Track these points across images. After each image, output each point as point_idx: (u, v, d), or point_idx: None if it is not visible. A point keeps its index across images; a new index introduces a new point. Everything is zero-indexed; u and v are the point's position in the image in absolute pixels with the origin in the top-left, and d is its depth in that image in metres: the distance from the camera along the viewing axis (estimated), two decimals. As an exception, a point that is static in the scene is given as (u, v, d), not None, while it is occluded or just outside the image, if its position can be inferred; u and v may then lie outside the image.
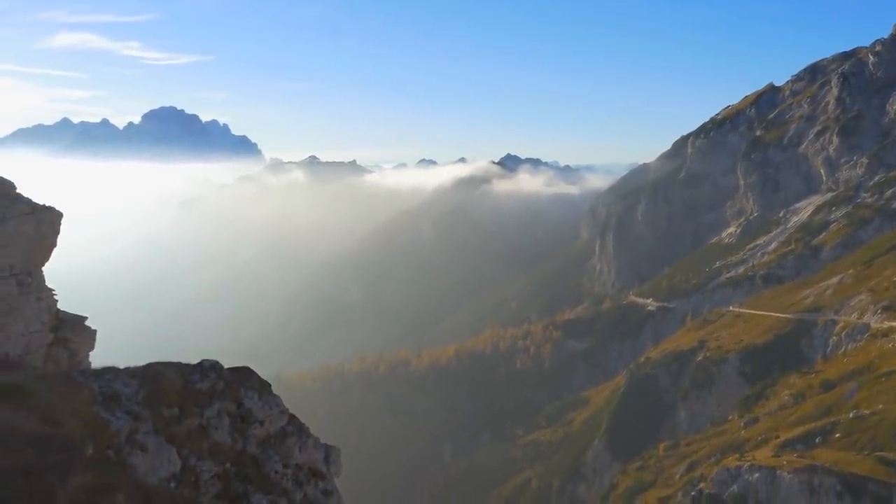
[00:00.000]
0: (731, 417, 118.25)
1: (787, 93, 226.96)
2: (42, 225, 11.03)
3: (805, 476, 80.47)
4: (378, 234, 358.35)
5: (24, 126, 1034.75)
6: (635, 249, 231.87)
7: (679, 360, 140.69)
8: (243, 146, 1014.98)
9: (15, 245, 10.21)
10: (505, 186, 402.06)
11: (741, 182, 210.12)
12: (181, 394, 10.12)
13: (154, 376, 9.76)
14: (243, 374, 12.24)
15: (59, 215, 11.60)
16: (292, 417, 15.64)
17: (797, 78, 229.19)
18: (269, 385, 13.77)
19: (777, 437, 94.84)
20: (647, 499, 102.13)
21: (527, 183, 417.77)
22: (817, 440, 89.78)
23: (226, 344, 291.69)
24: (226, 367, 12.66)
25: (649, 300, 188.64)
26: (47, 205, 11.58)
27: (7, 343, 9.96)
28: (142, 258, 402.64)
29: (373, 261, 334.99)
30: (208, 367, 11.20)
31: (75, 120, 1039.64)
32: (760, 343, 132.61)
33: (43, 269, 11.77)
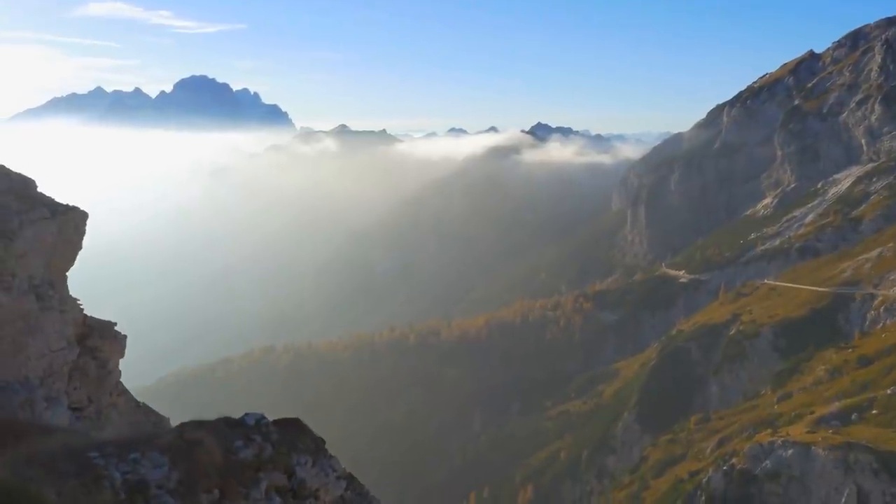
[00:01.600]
0: (763, 392, 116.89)
1: (828, 60, 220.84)
2: (65, 228, 10.16)
3: (840, 453, 79.27)
4: (408, 204, 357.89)
5: (59, 95, 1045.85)
6: (668, 221, 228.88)
7: (711, 334, 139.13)
8: (274, 115, 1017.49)
9: (34, 254, 9.36)
10: (535, 156, 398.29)
11: (778, 152, 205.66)
12: (221, 470, 8.19)
13: (189, 450, 7.85)
14: (293, 433, 10.24)
15: (84, 216, 10.71)
16: (352, 479, 13.41)
17: (838, 45, 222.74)
18: (323, 441, 12.02)
19: (812, 412, 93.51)
20: (678, 472, 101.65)
21: (557, 152, 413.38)
22: (853, 417, 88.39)
23: (258, 312, 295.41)
24: (272, 421, 10.36)
25: (682, 272, 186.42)
26: (70, 205, 10.64)
27: (27, 366, 9.11)
28: (173, 227, 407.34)
29: (403, 230, 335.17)
30: (252, 427, 9.16)
31: (108, 89, 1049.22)
32: (796, 317, 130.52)
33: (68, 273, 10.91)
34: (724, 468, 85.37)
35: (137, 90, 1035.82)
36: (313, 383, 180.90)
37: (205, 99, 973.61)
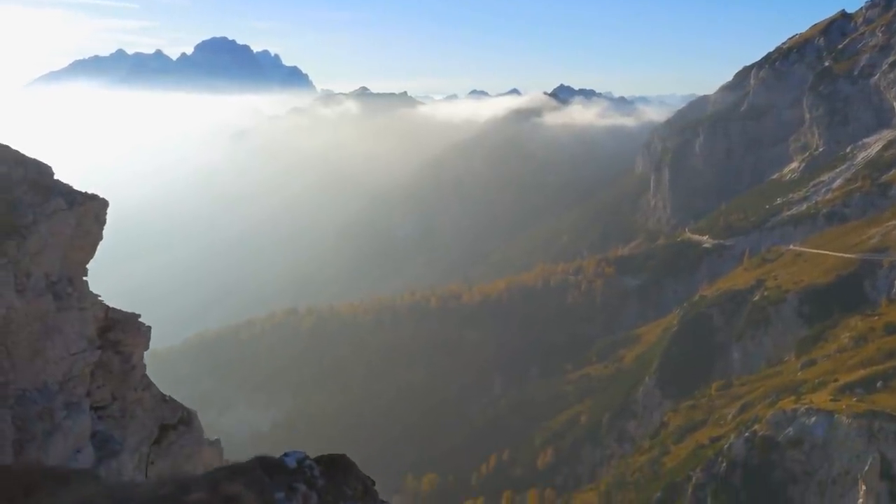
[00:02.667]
0: (787, 359, 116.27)
1: (860, 21, 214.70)
2: (84, 219, 9.46)
3: (864, 421, 78.81)
4: (429, 167, 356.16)
5: (81, 58, 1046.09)
6: (692, 185, 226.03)
7: (735, 300, 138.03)
8: (294, 77, 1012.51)
9: (50, 249, 8.71)
10: (557, 118, 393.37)
11: (807, 115, 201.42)
12: None
13: (225, 506, 7.08)
14: (339, 476, 9.10)
15: (104, 205, 9.98)
16: None
17: (871, 4, 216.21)
18: (373, 482, 10.57)
19: (836, 380, 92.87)
20: (698, 438, 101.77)
21: (580, 115, 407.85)
22: (878, 384, 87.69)
23: (278, 275, 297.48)
24: (314, 460, 9.02)
25: (705, 237, 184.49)
26: (90, 193, 9.94)
27: (44, 370, 8.54)
28: (194, 190, 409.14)
29: (424, 193, 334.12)
30: (294, 471, 7.84)
31: (130, 51, 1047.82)
32: (821, 283, 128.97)
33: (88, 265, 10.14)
34: (746, 435, 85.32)
35: (158, 52, 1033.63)
36: (335, 346, 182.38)
37: (225, 61, 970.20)
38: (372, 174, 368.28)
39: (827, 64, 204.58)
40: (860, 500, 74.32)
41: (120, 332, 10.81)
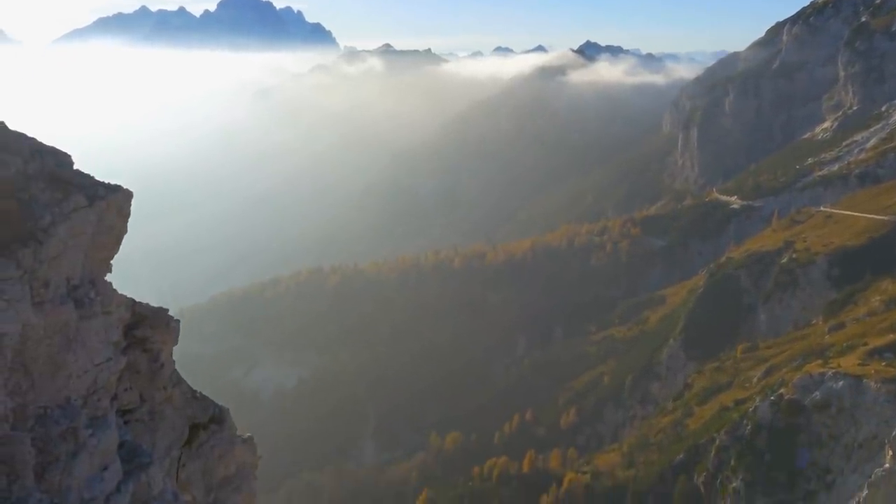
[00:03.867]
0: (815, 322, 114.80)
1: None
2: (106, 215, 8.70)
3: (893, 386, 77.79)
4: (453, 125, 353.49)
5: (105, 15, 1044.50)
6: (721, 144, 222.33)
7: (762, 262, 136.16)
8: (318, 34, 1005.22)
9: (70, 252, 7.99)
10: (584, 76, 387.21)
11: (841, 73, 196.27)
12: None
13: None
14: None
15: (128, 196, 9.18)
16: None
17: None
18: None
19: (865, 344, 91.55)
20: (723, 400, 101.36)
21: (607, 72, 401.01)
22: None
23: (302, 234, 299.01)
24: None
25: (733, 198, 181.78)
26: (111, 184, 9.19)
27: (67, 385, 7.88)
28: (218, 149, 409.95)
29: (448, 152, 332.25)
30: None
31: (153, 8, 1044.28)
32: (852, 246, 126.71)
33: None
34: (772, 398, 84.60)
35: (182, 9, 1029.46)
36: (359, 304, 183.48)
37: (248, 18, 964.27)
38: (396, 132, 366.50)
39: (864, 19, 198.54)
40: (886, 465, 73.76)
41: (147, 329, 10.24)
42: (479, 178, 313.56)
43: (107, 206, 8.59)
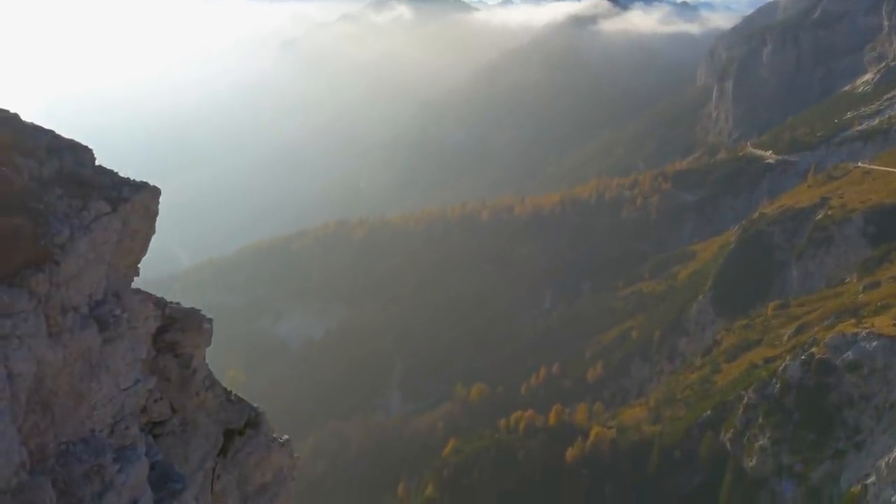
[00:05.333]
0: (848, 280, 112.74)
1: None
2: (131, 217, 7.76)
3: (929, 347, 76.54)
4: (482, 75, 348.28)
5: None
6: (757, 96, 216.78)
7: (796, 218, 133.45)
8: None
9: (91, 267, 7.06)
10: (616, 25, 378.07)
11: (885, 22, 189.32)
12: None
13: None
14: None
15: (156, 194, 8.18)
16: None
17: None
18: None
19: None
20: (752, 358, 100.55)
21: (640, 20, 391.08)
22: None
23: (329, 186, 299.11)
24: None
25: (768, 152, 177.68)
26: (136, 181, 8.21)
27: (91, 417, 7.01)
28: (242, 100, 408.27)
29: (477, 102, 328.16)
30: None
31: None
32: (890, 203, 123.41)
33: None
34: (803, 357, 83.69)
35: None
36: (386, 257, 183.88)
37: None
38: (423, 82, 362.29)
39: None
40: (918, 426, 73.04)
41: (178, 333, 9.44)
42: (507, 130, 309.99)
43: (132, 208, 7.72)
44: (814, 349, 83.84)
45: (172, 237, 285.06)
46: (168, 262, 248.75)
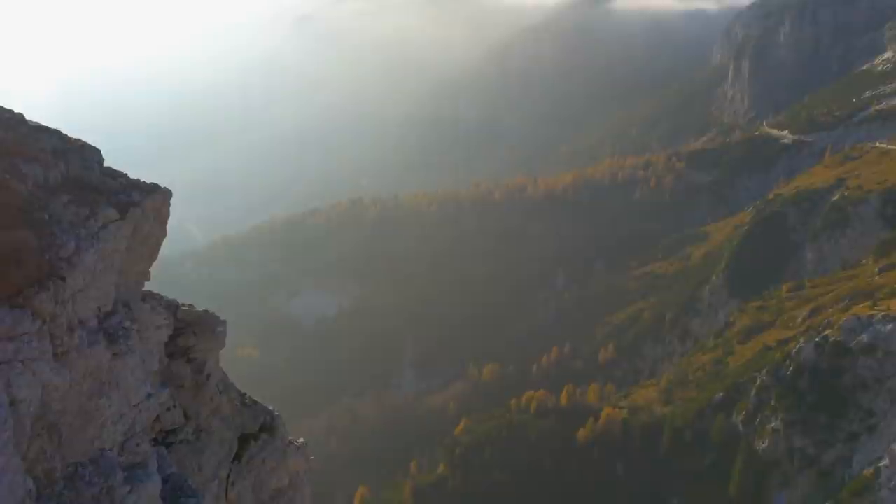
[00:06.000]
0: (864, 262, 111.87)
1: None
2: (142, 223, 7.39)
3: (944, 331, 76.02)
4: (496, 53, 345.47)
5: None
6: (774, 76, 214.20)
7: (812, 199, 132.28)
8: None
9: (100, 278, 6.70)
10: (631, 2, 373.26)
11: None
12: None
13: None
14: None
15: (167, 196, 7.84)
16: None
17: None
18: None
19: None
20: (765, 339, 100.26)
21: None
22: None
23: (342, 164, 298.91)
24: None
25: (784, 132, 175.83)
26: (146, 183, 7.81)
27: (100, 437, 6.64)
28: (257, 77, 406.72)
29: (490, 81, 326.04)
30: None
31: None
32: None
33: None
34: (817, 339, 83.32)
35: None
36: (399, 236, 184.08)
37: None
38: (437, 60, 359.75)
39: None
40: (932, 410, 72.80)
41: (191, 337, 9.08)
42: (521, 109, 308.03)
43: (142, 213, 7.35)
44: (828, 331, 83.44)
45: (186, 214, 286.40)
46: (182, 239, 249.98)
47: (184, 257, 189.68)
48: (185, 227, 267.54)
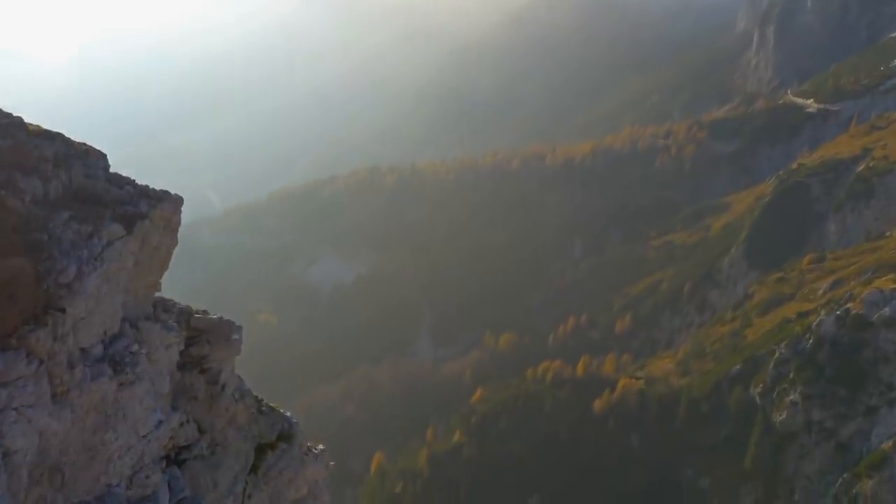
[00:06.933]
0: (888, 234, 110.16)
1: None
2: (150, 236, 6.87)
3: (969, 305, 74.86)
4: (511, 20, 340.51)
5: None
6: (799, 43, 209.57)
7: (837, 169, 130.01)
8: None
9: (105, 301, 6.13)
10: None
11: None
12: None
13: None
14: None
15: (177, 203, 7.31)
16: None
17: None
18: None
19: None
20: (785, 312, 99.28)
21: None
22: None
23: (357, 131, 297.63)
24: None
25: (809, 101, 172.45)
26: (155, 190, 7.14)
27: (106, 472, 6.17)
28: (271, 43, 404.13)
29: (507, 48, 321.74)
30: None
31: None
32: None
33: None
34: (838, 312, 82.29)
35: None
36: (416, 204, 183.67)
37: None
38: (453, 26, 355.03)
39: None
40: (954, 384, 71.94)
41: (205, 346, 8.54)
42: (536, 77, 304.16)
43: (150, 224, 6.80)
44: (849, 305, 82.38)
45: (204, 180, 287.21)
46: (200, 205, 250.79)
47: (201, 224, 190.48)
48: (202, 193, 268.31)
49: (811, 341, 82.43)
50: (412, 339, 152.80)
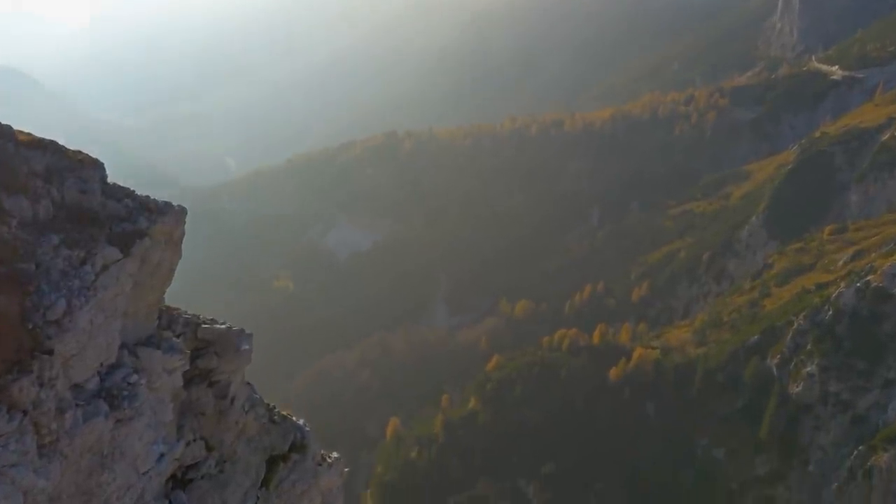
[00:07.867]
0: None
1: None
2: (150, 254, 6.32)
3: None
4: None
5: None
6: (825, 8, 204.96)
7: (860, 138, 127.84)
8: None
9: (100, 333, 5.58)
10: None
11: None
12: None
13: None
14: None
15: (181, 216, 6.72)
16: None
17: None
18: None
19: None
20: (804, 283, 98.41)
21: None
22: None
23: (375, 97, 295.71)
24: None
25: (834, 68, 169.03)
26: (156, 202, 6.58)
27: None
28: (289, 8, 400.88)
29: (527, 14, 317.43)
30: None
31: None
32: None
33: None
34: (858, 284, 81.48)
35: None
36: (433, 170, 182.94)
37: None
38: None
39: None
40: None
41: (213, 358, 8.00)
42: (558, 42, 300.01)
43: (150, 242, 6.26)
44: (870, 277, 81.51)
45: (222, 145, 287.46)
46: (218, 170, 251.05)
47: (220, 189, 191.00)
48: (220, 159, 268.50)
49: (830, 313, 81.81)
50: (428, 306, 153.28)
